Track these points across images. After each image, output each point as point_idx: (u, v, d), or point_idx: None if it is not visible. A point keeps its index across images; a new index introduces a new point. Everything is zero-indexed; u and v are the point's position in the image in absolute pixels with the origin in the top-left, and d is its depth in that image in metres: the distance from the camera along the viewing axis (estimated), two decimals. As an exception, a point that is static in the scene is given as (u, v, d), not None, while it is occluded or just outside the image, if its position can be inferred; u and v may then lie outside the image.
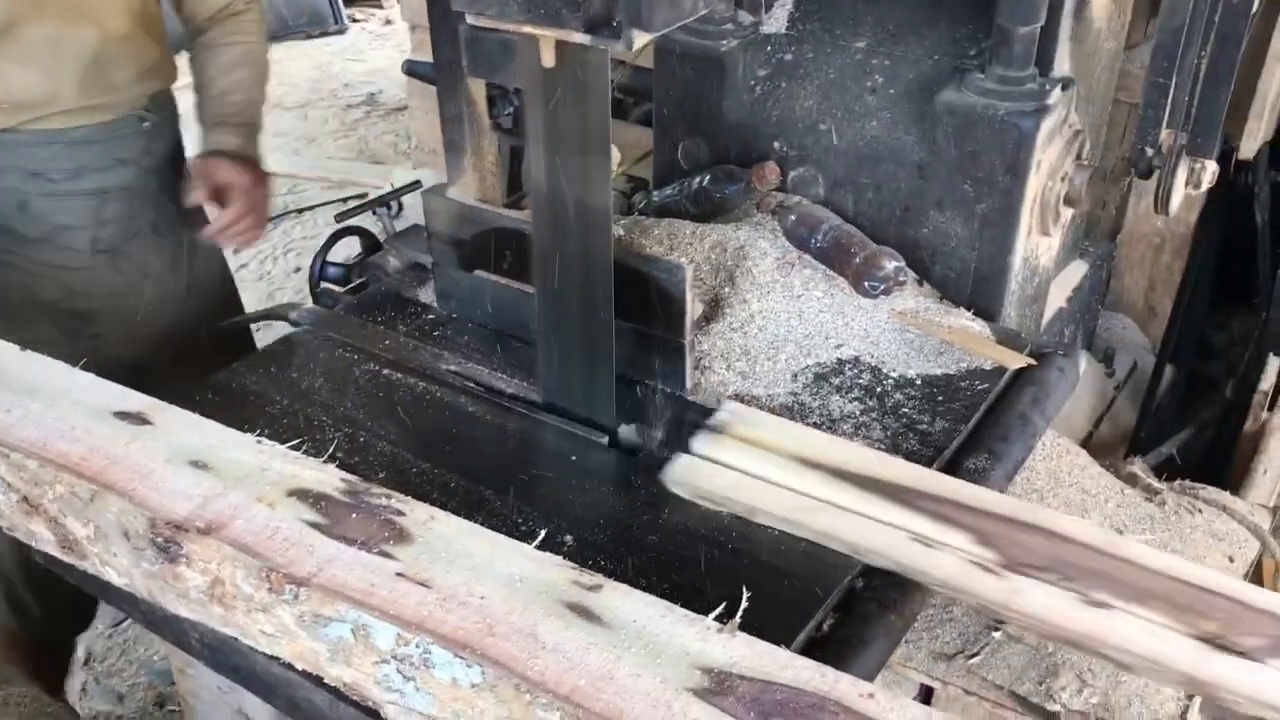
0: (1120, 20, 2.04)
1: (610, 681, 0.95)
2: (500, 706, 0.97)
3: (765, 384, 1.67)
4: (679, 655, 0.99)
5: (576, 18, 1.21)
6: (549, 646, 0.98)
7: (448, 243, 1.79)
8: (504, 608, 1.02)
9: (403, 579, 1.05)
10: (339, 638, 1.05)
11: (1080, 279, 2.27)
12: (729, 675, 0.97)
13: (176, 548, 1.12)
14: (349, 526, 1.11)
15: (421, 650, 1.00)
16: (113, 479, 1.16)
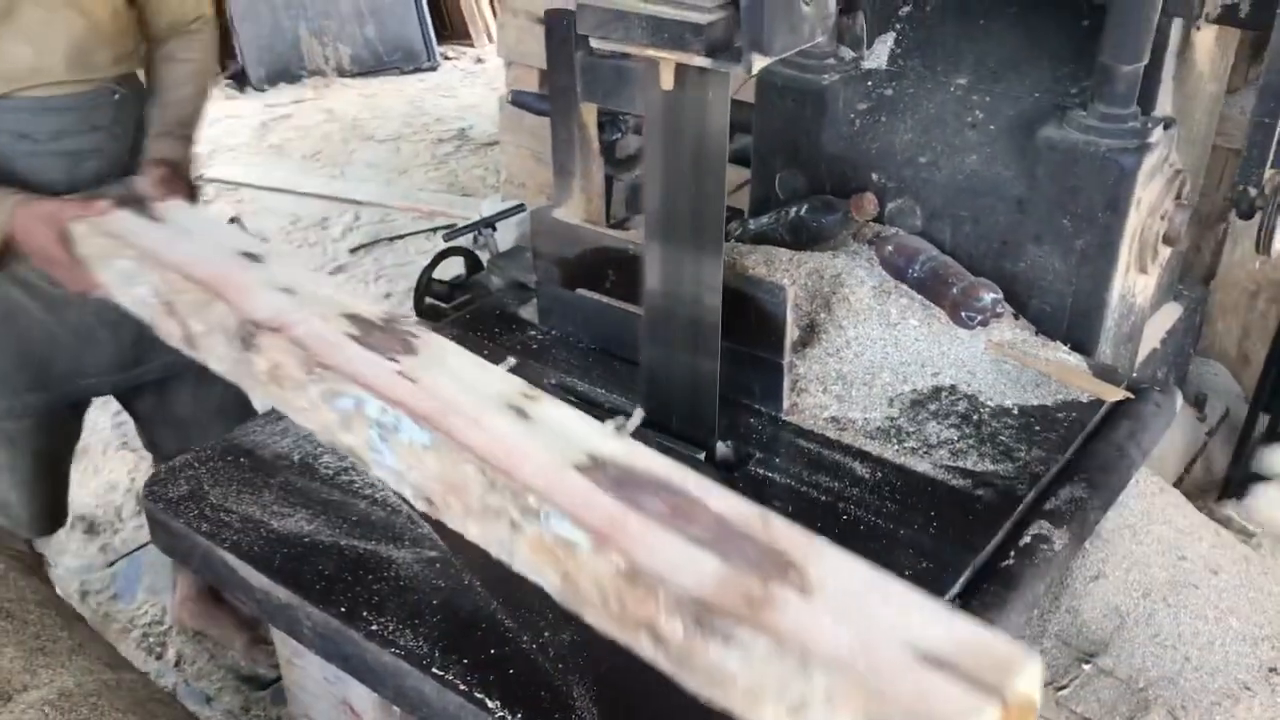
0: (1223, 64, 2.05)
1: (519, 453, 1.27)
2: (439, 462, 1.32)
3: (861, 407, 1.69)
4: (578, 445, 1.29)
5: (699, 41, 1.26)
6: (483, 427, 1.31)
7: (552, 261, 1.85)
8: (462, 400, 1.35)
9: (399, 375, 1.40)
10: (345, 409, 1.40)
11: (1175, 321, 2.26)
12: (608, 460, 1.27)
13: (251, 339, 1.48)
14: (375, 340, 1.46)
15: (394, 419, 1.33)
16: (223, 292, 1.53)
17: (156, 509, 1.54)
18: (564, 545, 1.21)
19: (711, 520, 1.20)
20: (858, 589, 1.11)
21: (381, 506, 1.50)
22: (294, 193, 5.13)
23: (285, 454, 1.60)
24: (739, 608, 1.10)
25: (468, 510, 1.32)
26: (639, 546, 1.17)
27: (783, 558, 1.16)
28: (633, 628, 1.18)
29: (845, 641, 1.04)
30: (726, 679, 1.11)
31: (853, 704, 1.00)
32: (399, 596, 1.36)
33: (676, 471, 1.26)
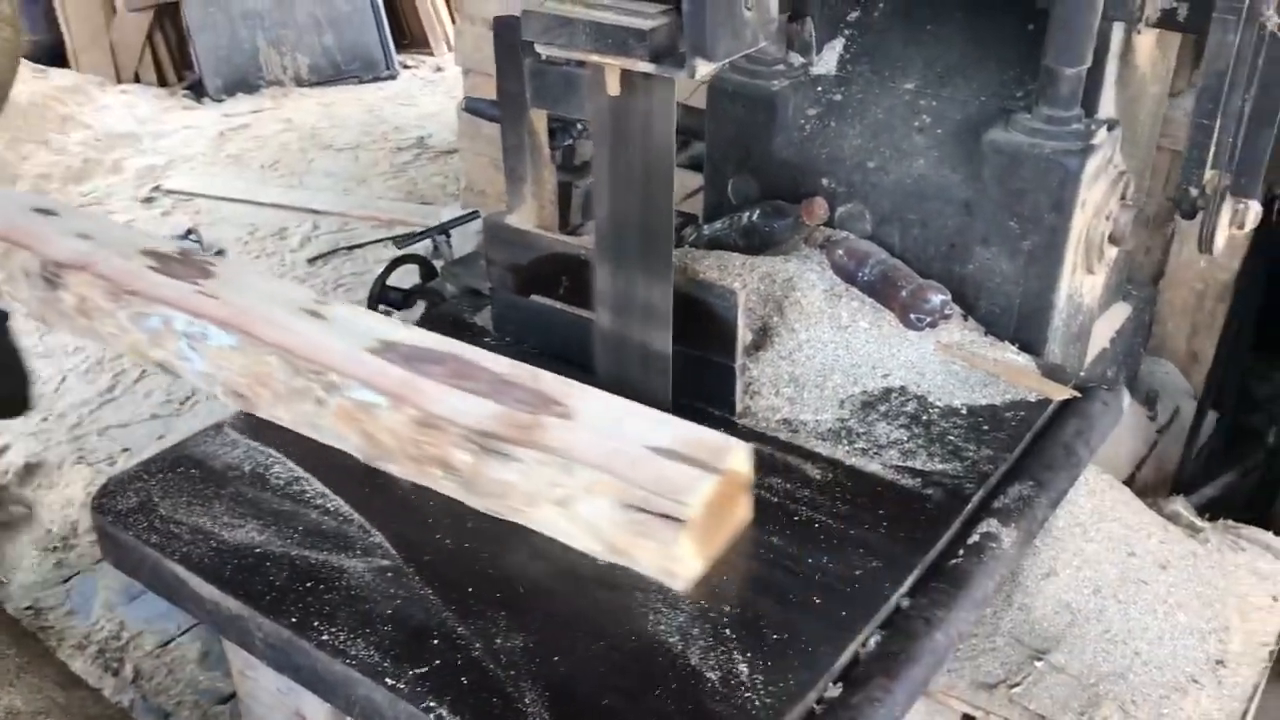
0: (1164, 66, 2.09)
1: (315, 344, 1.54)
2: (244, 359, 1.56)
3: (813, 409, 1.71)
4: (369, 334, 1.58)
5: (643, 47, 1.27)
6: (281, 326, 1.57)
7: (506, 268, 1.85)
8: (260, 309, 1.61)
9: (200, 294, 1.65)
10: (154, 328, 1.64)
11: (1123, 321, 2.29)
12: (397, 343, 1.56)
13: (57, 279, 1.72)
14: (175, 270, 1.71)
15: (201, 329, 1.59)
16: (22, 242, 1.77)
17: (105, 521, 1.52)
18: (364, 409, 1.49)
19: (489, 376, 1.52)
20: (609, 413, 1.46)
21: (333, 516, 1.49)
22: (252, 203, 5.10)
23: (236, 465, 1.59)
24: (513, 433, 1.42)
25: (276, 396, 1.59)
26: (427, 400, 1.46)
27: (548, 397, 1.49)
28: (428, 465, 1.47)
29: (599, 448, 1.38)
30: (508, 489, 1.42)
31: (607, 491, 1.34)
32: (350, 606, 1.35)
33: (458, 345, 1.59)
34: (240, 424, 1.68)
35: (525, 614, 1.34)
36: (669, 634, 1.30)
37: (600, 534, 1.37)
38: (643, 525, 1.32)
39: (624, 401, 1.48)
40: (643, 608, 1.34)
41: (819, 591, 1.37)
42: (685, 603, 1.35)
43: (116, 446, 3.46)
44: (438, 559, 1.43)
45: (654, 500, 1.32)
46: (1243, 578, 1.81)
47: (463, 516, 1.49)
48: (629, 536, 1.34)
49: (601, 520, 1.36)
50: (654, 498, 1.32)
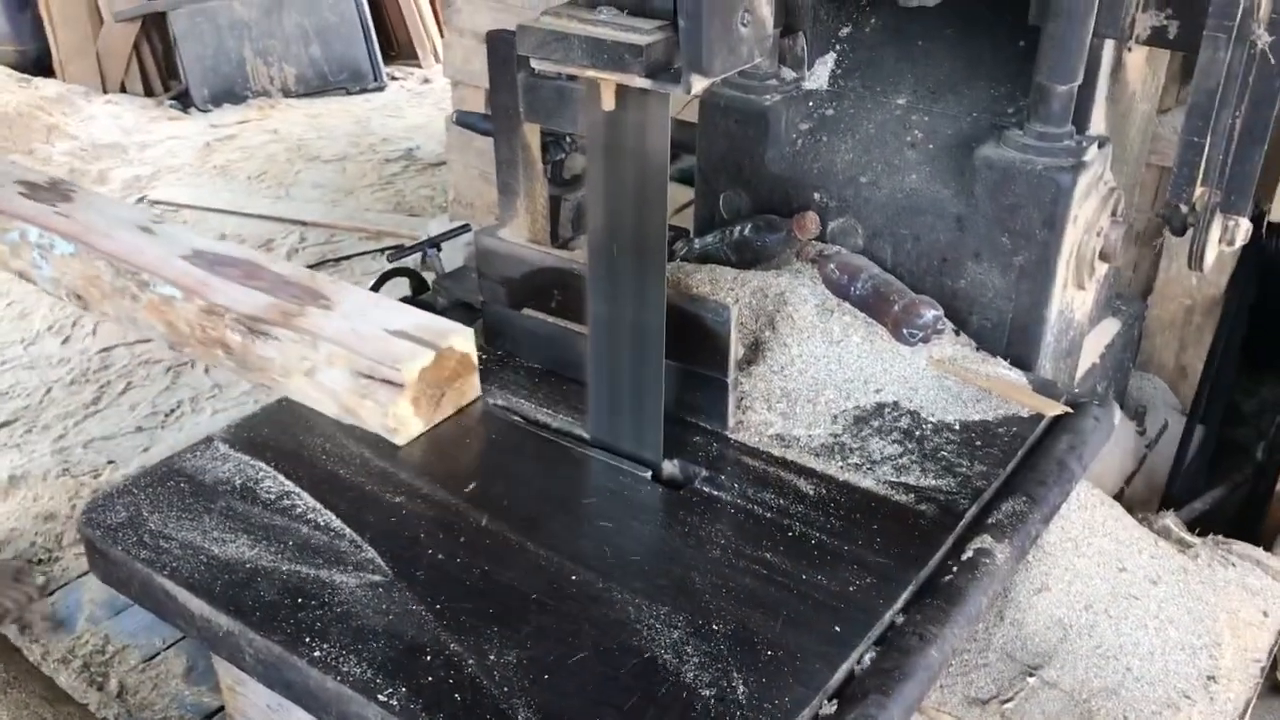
0: (1154, 84, 2.10)
1: (139, 252, 1.89)
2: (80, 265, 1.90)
3: (805, 424, 1.70)
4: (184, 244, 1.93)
5: (639, 63, 1.27)
6: (114, 239, 1.92)
7: (497, 282, 1.84)
8: (100, 224, 1.96)
9: (56, 214, 2.00)
10: (13, 240, 1.99)
11: (1113, 336, 2.30)
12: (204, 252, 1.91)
13: None
14: (40, 195, 2.07)
15: (49, 241, 1.94)
16: None
17: (95, 536, 1.51)
18: (166, 301, 1.82)
19: (272, 277, 1.85)
20: (365, 306, 1.77)
21: (324, 531, 1.48)
22: (239, 214, 5.08)
23: (226, 479, 1.58)
24: (277, 319, 1.73)
25: (103, 295, 1.90)
26: (216, 294, 1.78)
27: (319, 294, 1.80)
28: (212, 347, 1.79)
29: (343, 329, 1.69)
30: (268, 364, 1.73)
31: (342, 360, 1.65)
32: (342, 622, 1.34)
33: (256, 255, 1.94)
34: (230, 437, 1.67)
35: (518, 629, 1.33)
36: (664, 651, 1.30)
37: (337, 398, 1.68)
38: (368, 389, 1.63)
39: (380, 298, 1.84)
40: (637, 624, 1.34)
41: (813, 608, 1.37)
42: (680, 619, 1.34)
43: (101, 459, 3.44)
44: (430, 574, 1.42)
45: (378, 369, 1.62)
46: (1233, 593, 1.82)
47: (454, 530, 1.49)
48: (357, 399, 1.65)
49: (338, 385, 1.67)
50: (379, 366, 1.62)
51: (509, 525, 1.50)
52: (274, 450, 1.64)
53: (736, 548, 1.46)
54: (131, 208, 2.07)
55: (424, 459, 1.63)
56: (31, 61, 6.34)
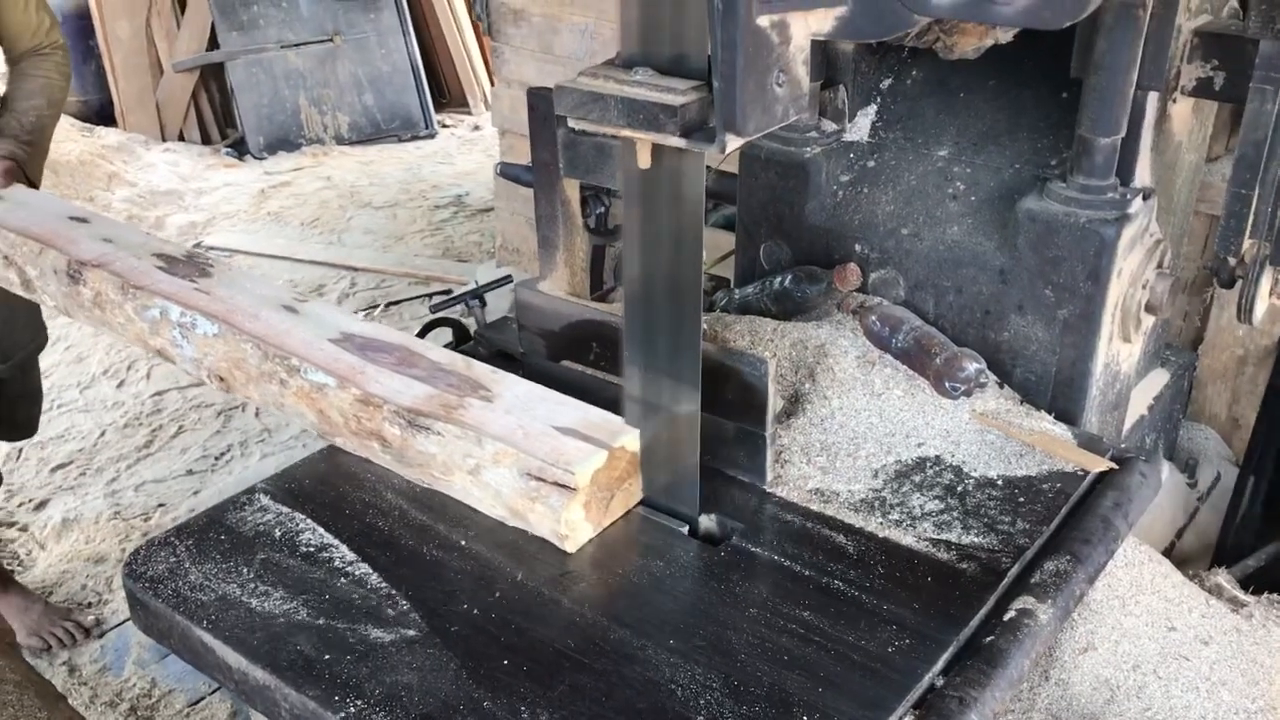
0: (1201, 134, 2.08)
1: (286, 334, 1.81)
2: (225, 346, 1.82)
3: (846, 479, 1.69)
4: (333, 326, 1.85)
5: (673, 123, 1.28)
6: (259, 319, 1.85)
7: (537, 334, 1.85)
8: (243, 303, 1.89)
9: (195, 290, 1.93)
10: (153, 317, 1.91)
11: (1162, 387, 2.26)
12: (353, 335, 1.83)
13: (79, 275, 2.00)
14: (178, 269, 2.01)
15: (191, 319, 1.87)
16: (54, 243, 2.06)
17: (136, 587, 1.53)
18: (317, 389, 1.73)
19: (428, 364, 1.76)
20: (526, 398, 1.69)
21: (361, 585, 1.49)
22: (291, 259, 5.17)
23: (266, 531, 1.60)
24: (438, 412, 1.64)
25: (249, 378, 1.82)
26: (370, 383, 1.70)
27: (478, 384, 1.72)
28: (367, 438, 1.70)
29: (508, 425, 1.61)
30: (429, 459, 1.63)
31: (510, 459, 1.56)
32: (377, 677, 1.34)
33: (409, 339, 1.84)
34: (271, 489, 1.69)
35: (552, 688, 1.33)
36: (698, 713, 1.29)
37: (502, 498, 1.59)
38: (538, 491, 1.53)
39: (543, 390, 1.71)
40: (672, 684, 1.33)
41: (851, 669, 1.35)
42: (716, 679, 1.33)
43: (152, 502, 3.49)
44: (464, 629, 1.42)
45: (549, 470, 1.52)
46: (1288, 654, 1.77)
47: (489, 584, 1.49)
48: (527, 501, 1.55)
49: (504, 486, 1.58)
50: (549, 468, 1.52)
51: (543, 579, 1.50)
52: (314, 502, 1.66)
53: (774, 606, 1.45)
54: (272, 285, 2.00)
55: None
56: (95, 111, 6.52)
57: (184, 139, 6.59)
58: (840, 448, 1.74)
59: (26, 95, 2.52)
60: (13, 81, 2.54)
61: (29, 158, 2.47)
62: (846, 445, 1.75)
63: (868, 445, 1.75)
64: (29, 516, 3.41)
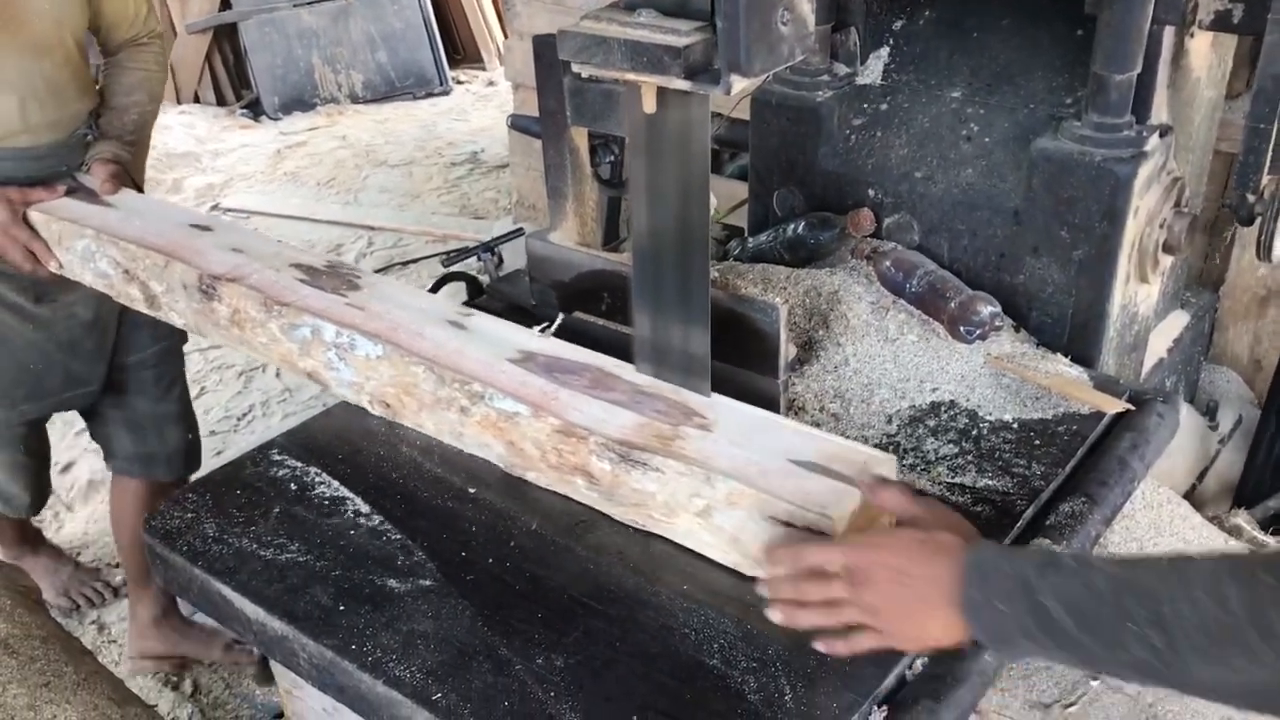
0: (1220, 70, 2.04)
1: (460, 354, 1.60)
2: (391, 369, 1.62)
3: (859, 425, 1.68)
4: (509, 344, 1.63)
5: (677, 64, 1.26)
6: (426, 337, 1.64)
7: (549, 285, 1.85)
8: (405, 319, 1.67)
9: (347, 306, 1.72)
10: (303, 337, 1.70)
11: (1181, 330, 2.24)
12: (535, 354, 1.61)
13: (213, 290, 1.79)
14: (322, 281, 1.79)
15: (349, 339, 1.65)
16: (179, 254, 1.85)
17: (155, 542, 1.54)
18: (507, 418, 1.53)
19: (627, 388, 1.55)
20: (748, 425, 1.47)
21: (376, 536, 1.50)
22: (308, 220, 5.17)
23: (282, 485, 1.61)
24: (653, 444, 1.43)
25: (421, 405, 1.63)
26: (569, 410, 1.49)
27: (687, 408, 1.51)
28: (569, 473, 1.51)
29: (739, 459, 1.39)
30: (646, 499, 1.44)
31: (748, 502, 1.34)
32: (393, 626, 1.36)
33: (596, 357, 1.62)
34: (286, 444, 1.70)
35: (566, 634, 1.34)
36: (711, 655, 1.29)
37: (740, 544, 1.37)
38: (788, 538, 1.31)
39: (764, 413, 1.50)
40: (685, 628, 1.33)
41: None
42: (729, 623, 1.33)
43: (176, 462, 3.51)
44: (479, 578, 1.43)
45: (799, 514, 1.30)
46: (1309, 594, 1.76)
47: (504, 534, 1.50)
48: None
49: (743, 532, 1.36)
50: (799, 511, 1.30)
51: (557, 529, 1.50)
52: (329, 456, 1.66)
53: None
54: (426, 296, 1.81)
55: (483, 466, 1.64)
56: (109, 75, 6.51)
57: (199, 100, 6.57)
58: (854, 394, 1.74)
59: (126, 90, 2.32)
60: (111, 75, 2.35)
61: (133, 159, 2.27)
62: (860, 391, 1.74)
63: (882, 391, 1.74)
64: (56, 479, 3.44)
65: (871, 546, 1.21)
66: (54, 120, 2.13)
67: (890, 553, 1.18)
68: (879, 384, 1.75)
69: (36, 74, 2.06)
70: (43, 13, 2.05)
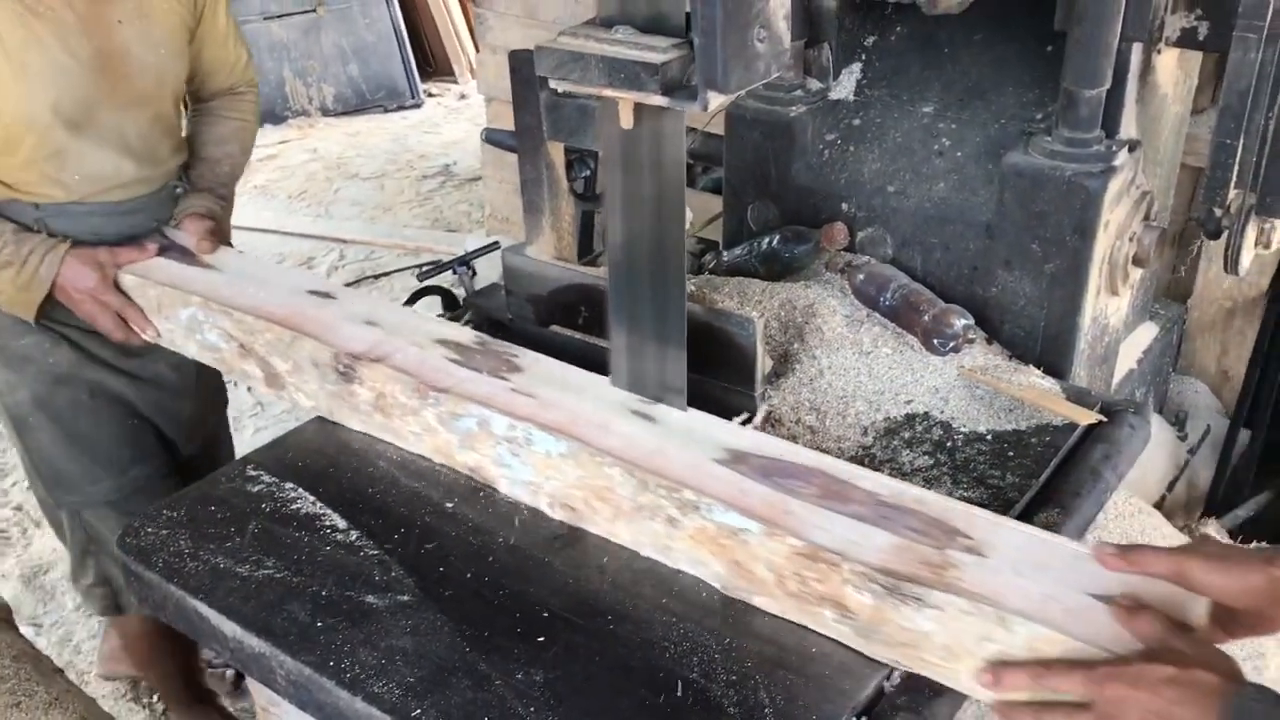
0: (1186, 85, 2.07)
1: (657, 453, 1.41)
2: (579, 469, 1.43)
3: (835, 438, 1.69)
4: (711, 441, 1.43)
5: (655, 81, 1.27)
6: (614, 432, 1.44)
7: (525, 299, 1.85)
8: (584, 410, 1.49)
9: (515, 392, 1.53)
10: (467, 429, 1.53)
11: (1151, 341, 2.27)
12: (746, 453, 1.41)
13: (353, 372, 1.61)
14: (476, 361, 1.60)
15: (525, 433, 1.46)
16: (307, 329, 1.67)
17: (130, 559, 1.53)
18: (730, 534, 1.32)
19: (866, 498, 1.33)
20: (1023, 546, 1.26)
21: (353, 552, 1.49)
22: (279, 233, 5.15)
23: (258, 501, 1.60)
24: (923, 574, 1.22)
25: (617, 512, 1.43)
26: (809, 528, 1.28)
27: (947, 526, 1.29)
28: (814, 604, 1.29)
29: (1034, 595, 1.17)
30: (920, 639, 1.22)
31: (1056, 650, 1.13)
32: (372, 642, 1.35)
33: (813, 457, 1.42)
34: (262, 459, 1.69)
35: (546, 648, 1.33)
36: (690, 669, 1.29)
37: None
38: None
39: (1038, 533, 1.30)
40: (665, 641, 1.33)
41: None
42: (709, 637, 1.34)
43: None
44: (458, 593, 1.43)
45: None
46: (1277, 602, 1.78)
47: (482, 549, 1.49)
48: None
49: None
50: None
51: (535, 543, 1.50)
52: (305, 471, 1.66)
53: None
54: (601, 381, 1.59)
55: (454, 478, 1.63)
56: (77, 87, 6.46)
57: (169, 114, 6.53)
58: (830, 406, 1.75)
59: (219, 141, 2.21)
60: (202, 123, 2.22)
61: (225, 213, 2.16)
62: (836, 404, 1.75)
63: (857, 403, 1.75)
64: (23, 495, 3.41)
65: (1127, 680, 1.06)
66: (147, 175, 2.04)
67: (1149, 691, 1.04)
68: (854, 396, 1.76)
69: (132, 128, 1.98)
70: (147, 67, 1.97)
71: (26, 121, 1.85)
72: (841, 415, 1.73)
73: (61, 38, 1.85)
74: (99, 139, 1.94)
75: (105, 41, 1.90)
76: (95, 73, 1.89)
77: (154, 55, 1.98)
